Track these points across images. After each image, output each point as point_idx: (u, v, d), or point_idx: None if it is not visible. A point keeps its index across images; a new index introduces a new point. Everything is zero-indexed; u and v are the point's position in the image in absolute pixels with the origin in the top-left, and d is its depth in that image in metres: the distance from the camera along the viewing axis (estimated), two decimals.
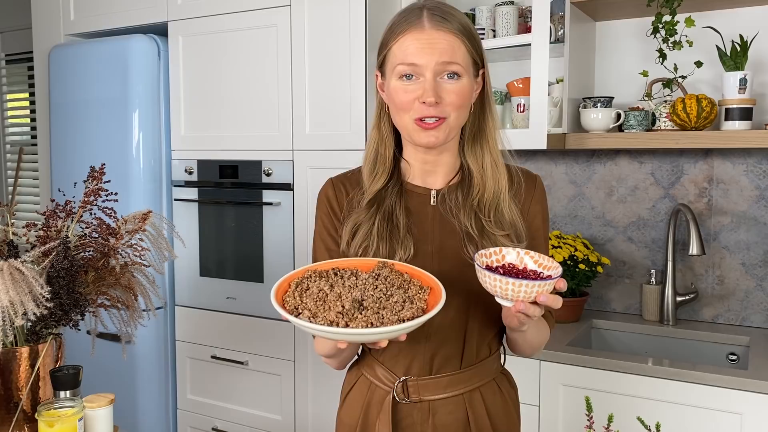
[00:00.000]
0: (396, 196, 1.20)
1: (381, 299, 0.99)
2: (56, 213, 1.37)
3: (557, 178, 2.45)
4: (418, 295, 1.01)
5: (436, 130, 1.12)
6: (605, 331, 2.27)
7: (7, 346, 1.24)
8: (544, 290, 0.98)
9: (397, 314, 0.96)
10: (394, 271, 1.06)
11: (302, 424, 2.39)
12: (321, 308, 0.98)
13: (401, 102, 1.13)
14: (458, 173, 1.22)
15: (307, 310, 0.98)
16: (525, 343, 1.24)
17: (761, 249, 2.17)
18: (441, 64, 1.10)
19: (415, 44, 1.11)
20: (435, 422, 1.19)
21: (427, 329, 1.17)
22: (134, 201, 2.52)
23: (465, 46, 1.13)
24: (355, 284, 1.01)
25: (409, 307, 0.98)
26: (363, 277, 1.03)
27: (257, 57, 2.37)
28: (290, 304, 1.00)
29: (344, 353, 1.23)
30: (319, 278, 1.04)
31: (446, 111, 1.12)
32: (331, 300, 0.98)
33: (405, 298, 0.99)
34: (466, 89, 1.13)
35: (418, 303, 0.99)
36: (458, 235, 1.17)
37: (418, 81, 1.11)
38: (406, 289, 1.02)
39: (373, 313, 0.96)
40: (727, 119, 2.00)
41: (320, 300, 0.99)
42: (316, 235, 1.27)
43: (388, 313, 0.96)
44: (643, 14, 2.23)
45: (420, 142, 1.15)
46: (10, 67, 3.85)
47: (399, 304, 0.98)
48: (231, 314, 2.50)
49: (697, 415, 1.74)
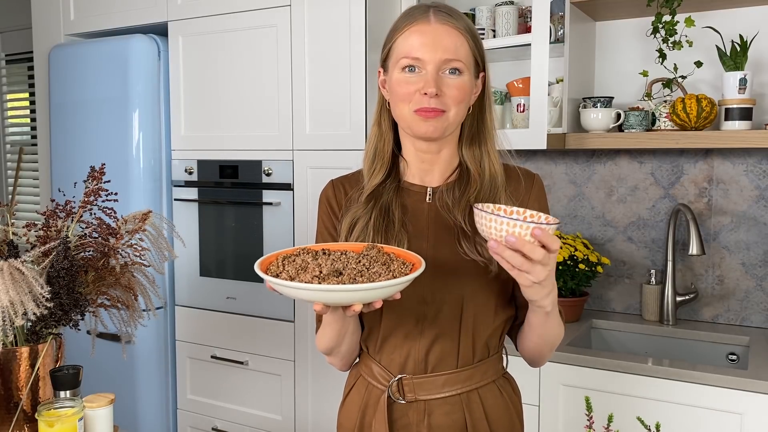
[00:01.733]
0: (393, 192, 1.21)
1: (361, 271, 1.00)
2: (56, 213, 1.37)
3: (557, 178, 2.45)
4: (400, 269, 1.01)
5: (435, 120, 1.13)
6: (605, 331, 2.27)
7: (7, 346, 1.24)
8: (514, 231, 0.94)
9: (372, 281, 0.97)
10: (381, 252, 1.07)
11: (302, 424, 2.39)
12: (300, 274, 0.99)
13: (402, 93, 1.14)
14: (455, 172, 1.23)
15: (285, 273, 0.99)
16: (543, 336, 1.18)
17: (761, 249, 2.17)
18: (444, 60, 1.12)
19: (419, 38, 1.13)
20: (431, 423, 1.18)
21: (420, 324, 1.17)
22: (134, 201, 2.52)
23: (468, 44, 1.15)
24: (339, 258, 1.03)
25: (386, 276, 0.98)
26: (350, 255, 1.05)
27: (257, 57, 2.37)
28: (272, 271, 1.02)
29: (343, 346, 1.21)
30: (306, 254, 1.05)
31: (447, 104, 1.13)
32: (311, 268, 0.99)
33: (385, 270, 1.00)
34: (466, 85, 1.15)
35: (396, 275, 0.99)
36: (453, 231, 1.17)
37: (420, 74, 1.13)
38: (389, 265, 1.03)
39: (349, 279, 0.97)
40: (727, 119, 2.00)
41: (301, 269, 1.00)
42: (317, 234, 1.30)
43: (364, 280, 0.97)
44: (643, 14, 2.23)
45: (418, 132, 1.15)
46: (10, 67, 3.85)
47: (377, 273, 0.99)
48: (231, 314, 2.50)
49: (697, 415, 1.74)
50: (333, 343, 1.21)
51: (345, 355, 1.26)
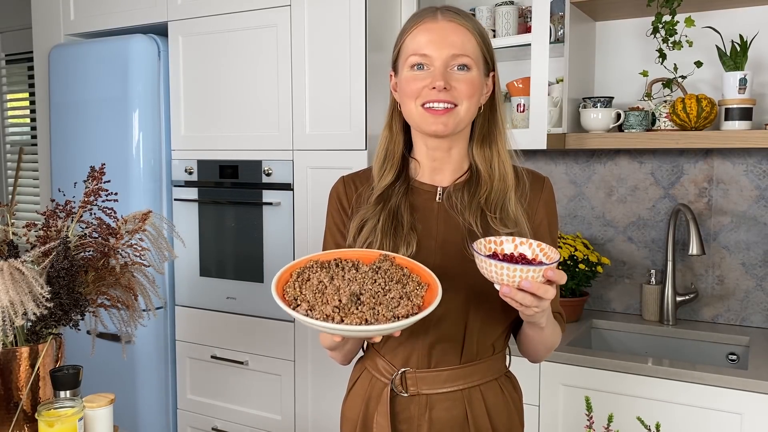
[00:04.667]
0: (402, 194, 1.22)
1: (378, 294, 1.02)
2: (56, 213, 1.37)
3: (557, 178, 2.45)
4: (415, 291, 1.04)
5: (445, 116, 1.13)
6: (605, 331, 2.27)
7: (7, 346, 1.24)
8: (528, 276, 0.97)
9: (393, 311, 0.99)
10: (394, 264, 1.08)
11: (302, 424, 2.39)
12: (319, 301, 1.01)
13: (411, 90, 1.15)
14: (466, 172, 1.24)
15: (305, 302, 1.01)
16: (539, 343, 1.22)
17: (761, 249, 2.17)
18: (451, 56, 1.13)
19: (427, 35, 1.14)
20: (432, 417, 1.19)
21: (426, 322, 1.17)
22: (134, 201, 2.52)
23: (476, 41, 1.16)
24: (355, 277, 1.05)
25: (405, 304, 1.01)
26: (363, 270, 1.06)
27: (257, 57, 2.37)
28: (290, 294, 1.03)
29: (346, 346, 1.24)
30: (320, 269, 1.06)
31: (457, 98, 1.13)
32: (330, 293, 1.01)
33: (402, 294, 1.02)
34: (476, 80, 1.15)
35: (414, 300, 1.02)
36: (462, 231, 1.18)
37: (428, 70, 1.14)
38: (405, 284, 1.05)
39: (368, 309, 0.99)
40: (727, 119, 2.00)
41: (319, 292, 1.02)
42: (327, 229, 1.31)
43: (383, 309, 0.99)
44: (643, 14, 2.23)
45: (429, 130, 1.16)
46: (10, 67, 3.85)
47: (395, 300, 1.01)
48: (231, 314, 2.50)
49: (697, 415, 1.74)
50: (336, 345, 1.22)
51: (349, 353, 1.29)
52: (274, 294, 1.02)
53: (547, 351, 1.26)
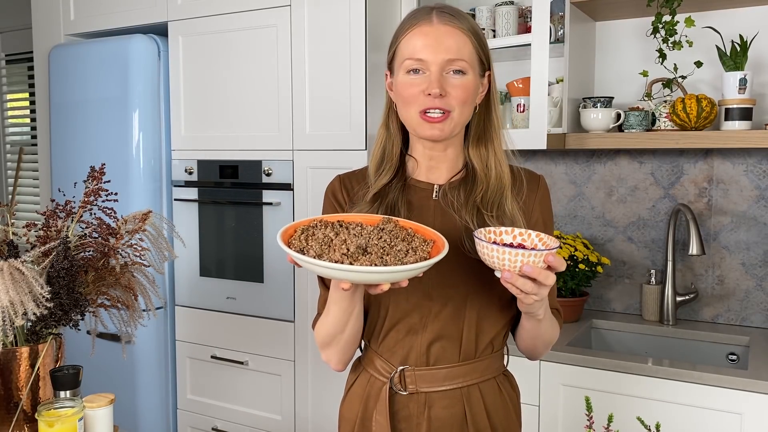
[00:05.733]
0: (399, 191, 1.22)
1: (385, 247, 1.01)
2: (56, 213, 1.37)
3: (557, 178, 2.45)
4: (422, 246, 1.03)
5: (441, 123, 1.14)
6: (605, 331, 2.27)
7: (7, 346, 1.24)
8: (530, 261, 0.97)
9: (401, 260, 0.99)
10: (398, 226, 1.08)
11: (302, 424, 2.39)
12: (326, 251, 0.99)
13: (407, 95, 1.15)
14: (462, 170, 1.24)
15: (312, 250, 0.99)
16: (537, 338, 1.22)
17: (761, 249, 2.17)
18: (447, 61, 1.13)
19: (422, 39, 1.14)
20: (431, 415, 1.19)
21: (424, 320, 1.18)
22: (134, 201, 2.52)
23: (472, 44, 1.16)
24: (360, 233, 1.04)
25: (413, 255, 1.00)
26: (368, 229, 1.06)
27: (257, 57, 2.37)
28: (295, 246, 1.01)
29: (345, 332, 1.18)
30: (324, 227, 1.06)
31: (451, 104, 1.14)
32: (336, 244, 1.00)
33: (408, 248, 1.02)
34: (471, 85, 1.15)
35: (420, 253, 1.01)
36: (458, 229, 1.18)
37: (424, 75, 1.14)
38: (410, 241, 1.05)
39: (377, 257, 0.98)
40: (727, 119, 2.00)
41: (325, 245, 1.01)
42: None
43: (391, 259, 0.98)
44: (643, 14, 2.23)
45: (424, 135, 1.17)
46: (10, 67, 3.85)
47: (402, 252, 1.01)
48: (231, 314, 2.50)
49: (697, 415, 1.74)
50: (336, 329, 1.17)
51: (344, 347, 1.22)
52: (280, 242, 0.99)
53: (545, 347, 1.26)
